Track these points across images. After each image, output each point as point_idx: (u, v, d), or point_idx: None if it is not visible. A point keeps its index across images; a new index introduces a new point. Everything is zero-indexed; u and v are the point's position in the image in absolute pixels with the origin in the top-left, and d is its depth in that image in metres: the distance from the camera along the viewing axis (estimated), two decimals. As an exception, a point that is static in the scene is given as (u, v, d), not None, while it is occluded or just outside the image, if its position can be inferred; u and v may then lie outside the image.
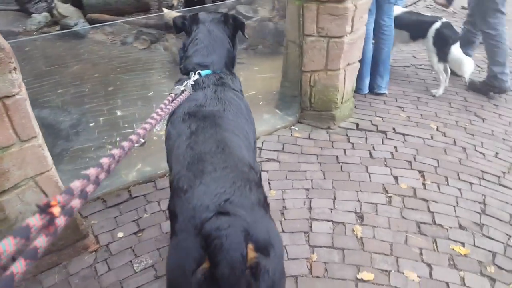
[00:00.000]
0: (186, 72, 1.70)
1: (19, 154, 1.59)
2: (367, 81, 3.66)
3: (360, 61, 3.27)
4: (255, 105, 3.43)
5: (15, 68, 1.50)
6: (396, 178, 2.63)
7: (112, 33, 5.17)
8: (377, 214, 2.34)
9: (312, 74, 2.98)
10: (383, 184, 2.57)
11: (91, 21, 5.39)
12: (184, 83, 1.55)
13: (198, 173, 1.14)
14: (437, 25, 3.57)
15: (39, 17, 5.45)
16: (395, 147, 2.95)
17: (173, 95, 1.47)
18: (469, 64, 3.54)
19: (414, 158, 2.82)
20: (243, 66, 4.09)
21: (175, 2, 4.76)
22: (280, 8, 4.87)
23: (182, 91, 1.51)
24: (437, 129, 3.19)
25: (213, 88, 1.60)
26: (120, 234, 2.20)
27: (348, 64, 2.99)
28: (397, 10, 3.75)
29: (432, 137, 3.07)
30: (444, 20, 3.63)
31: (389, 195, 2.48)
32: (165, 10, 4.43)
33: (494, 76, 3.65)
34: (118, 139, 3.09)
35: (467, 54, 3.72)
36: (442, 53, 3.57)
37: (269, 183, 2.57)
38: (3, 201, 1.60)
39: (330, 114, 3.12)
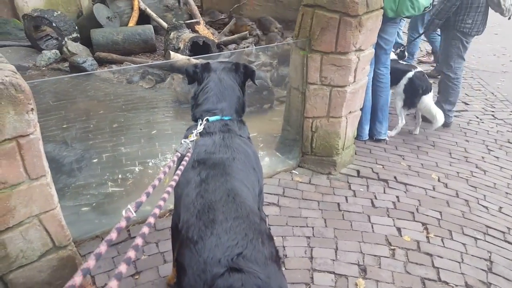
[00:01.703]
0: (195, 120, 1.77)
1: (27, 192, 1.62)
2: (367, 128, 3.74)
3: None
4: (255, 146, 3.46)
5: (32, 109, 1.55)
6: (399, 229, 2.62)
7: (119, 71, 5.31)
8: (380, 267, 2.31)
9: (314, 120, 3.05)
10: (386, 236, 2.55)
11: (99, 60, 5.55)
12: (190, 138, 1.59)
13: (209, 222, 1.14)
14: (410, 74, 3.76)
15: (49, 54, 5.63)
16: (397, 197, 2.95)
17: (178, 154, 1.49)
18: (439, 116, 3.79)
19: (417, 210, 2.82)
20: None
21: (181, 45, 4.93)
22: (280, 54, 5.03)
23: (188, 149, 1.54)
24: (439, 180, 3.22)
25: (220, 135, 1.64)
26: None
27: (350, 112, 3.06)
28: None
29: (434, 188, 3.09)
30: (418, 70, 3.80)
31: (392, 247, 2.46)
32: (172, 53, 4.58)
33: (443, 112, 3.92)
34: (119, 176, 3.09)
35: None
36: (411, 101, 3.79)
37: (269, 228, 2.53)
38: (6, 238, 1.59)
39: (331, 159, 3.15)
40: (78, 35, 5.99)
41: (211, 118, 1.71)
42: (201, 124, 1.67)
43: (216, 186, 1.32)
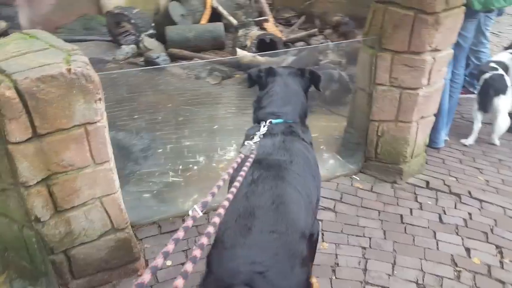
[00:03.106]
0: (258, 121, 1.75)
1: (92, 175, 1.75)
2: (443, 134, 3.47)
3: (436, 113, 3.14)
4: (315, 148, 3.38)
5: (100, 99, 1.67)
6: (468, 250, 2.39)
7: (188, 67, 5.54)
8: (441, 288, 2.11)
9: (381, 124, 2.89)
10: (452, 255, 2.34)
11: (171, 55, 5.84)
12: (254, 140, 1.55)
13: (246, 230, 1.12)
14: (487, 75, 3.51)
15: (127, 49, 6.05)
16: (470, 214, 2.70)
17: (242, 155, 1.47)
18: (502, 122, 3.50)
19: (492, 230, 2.55)
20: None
21: (248, 43, 4.99)
22: (349, 53, 4.85)
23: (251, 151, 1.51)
24: (522, 200, 2.87)
25: (281, 137, 1.62)
26: (169, 263, 2.25)
27: (422, 117, 2.86)
28: None
29: (514, 208, 2.76)
30: (498, 72, 3.52)
31: (458, 269, 2.25)
32: (239, 51, 4.66)
33: None
34: (180, 167, 3.22)
35: None
36: (483, 103, 3.53)
37: (323, 234, 2.47)
38: (71, 216, 1.74)
39: (398, 167, 2.97)
40: (154, 31, 6.37)
41: (275, 121, 1.70)
42: (264, 126, 1.65)
43: (264, 189, 1.29)
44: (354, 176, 3.07)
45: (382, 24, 2.66)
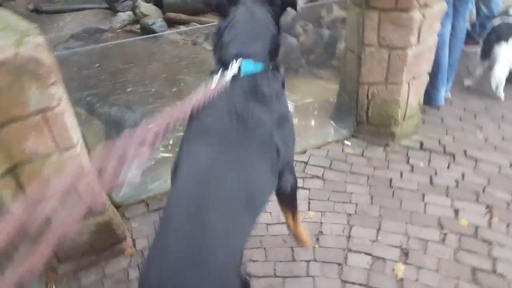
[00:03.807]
0: (222, 63, 1.47)
1: (58, 163, 1.72)
2: (443, 91, 3.32)
3: (433, 69, 2.99)
4: (309, 114, 3.32)
5: (54, 83, 1.61)
6: (456, 211, 2.34)
7: (186, 32, 5.40)
8: (425, 252, 2.10)
9: (371, 87, 2.77)
10: (439, 218, 2.30)
11: (168, 20, 5.68)
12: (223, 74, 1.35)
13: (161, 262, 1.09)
14: (497, 21, 3.45)
15: (124, 16, 5.91)
16: (463, 174, 2.62)
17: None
18: (498, 72, 3.32)
19: (483, 190, 2.48)
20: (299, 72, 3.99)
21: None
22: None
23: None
24: (521, 156, 2.76)
25: (238, 98, 1.36)
26: None
27: (413, 78, 2.71)
28: None
29: (511, 165, 2.66)
30: (509, 20, 3.36)
31: (444, 231, 2.22)
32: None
33: None
34: (170, 141, 3.21)
35: None
36: (485, 50, 3.44)
37: (309, 203, 2.46)
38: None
39: (390, 130, 2.88)
40: (152, -5, 6.17)
41: (245, 64, 1.41)
42: (233, 65, 1.38)
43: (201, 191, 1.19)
44: (346, 142, 3.00)
45: (368, -21, 2.47)
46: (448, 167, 2.69)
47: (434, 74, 3.19)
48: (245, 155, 1.30)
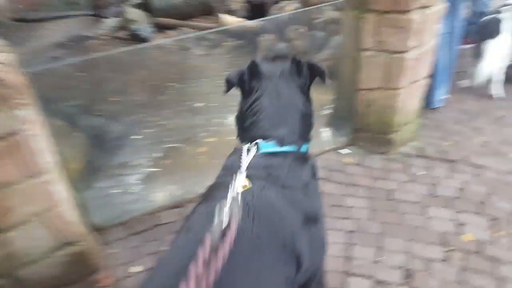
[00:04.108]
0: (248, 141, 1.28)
1: (26, 191, 1.56)
2: (439, 93, 3.20)
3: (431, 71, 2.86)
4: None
5: (23, 104, 1.45)
6: (460, 225, 2.19)
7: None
8: (430, 273, 1.94)
9: (368, 93, 2.62)
10: (442, 233, 2.14)
11: (158, 25, 5.49)
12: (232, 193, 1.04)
13: None
14: (485, 19, 3.38)
15: (110, 22, 5.73)
16: (464, 182, 2.47)
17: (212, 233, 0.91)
18: (483, 67, 3.27)
19: (487, 200, 2.33)
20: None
21: (236, 6, 4.58)
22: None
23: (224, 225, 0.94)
24: (523, 162, 2.62)
25: (255, 189, 1.12)
26: (138, 268, 2.08)
27: (413, 82, 2.56)
28: None
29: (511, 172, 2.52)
30: (495, 16, 3.27)
31: (448, 249, 2.06)
32: (222, 16, 4.29)
33: None
34: (156, 155, 3.01)
35: None
36: (475, 48, 3.38)
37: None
38: (9, 237, 1.59)
39: (388, 137, 2.72)
40: (140, 1, 5.97)
41: (263, 146, 1.24)
42: (240, 173, 1.13)
43: None
44: (343, 150, 2.83)
45: (364, -20, 2.31)
46: (449, 175, 2.54)
47: (431, 76, 3.05)
48: (251, 262, 0.98)
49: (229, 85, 1.39)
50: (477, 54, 3.32)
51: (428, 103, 3.18)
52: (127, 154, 3.08)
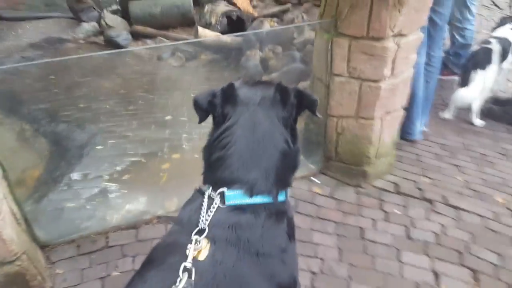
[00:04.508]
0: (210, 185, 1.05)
1: None
2: (418, 125, 3.01)
3: (408, 101, 2.69)
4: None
5: None
6: (437, 275, 1.95)
7: (153, 47, 4.94)
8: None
9: (340, 120, 2.41)
10: (417, 284, 1.90)
11: (135, 33, 5.23)
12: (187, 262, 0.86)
13: None
14: (475, 48, 3.36)
15: (88, 26, 5.43)
16: (443, 226, 2.25)
17: None
18: (462, 94, 3.24)
19: (467, 248, 2.10)
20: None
21: (213, 20, 4.38)
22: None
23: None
24: (505, 206, 2.42)
25: (223, 250, 0.93)
26: None
27: (387, 113, 2.36)
28: None
29: (496, 217, 2.32)
30: (487, 46, 3.25)
31: (422, 302, 1.81)
32: (200, 29, 4.07)
33: None
34: (117, 168, 2.75)
35: None
36: (462, 78, 3.28)
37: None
38: None
39: (361, 169, 2.51)
40: (119, 7, 5.72)
41: (229, 196, 0.99)
42: (208, 211, 0.97)
43: None
44: (313, 178, 2.60)
45: (338, 4, 2.12)
46: (426, 217, 2.32)
47: (409, 107, 2.87)
48: None
49: (198, 108, 1.14)
50: (464, 85, 3.22)
51: (405, 135, 3.01)
52: (86, 165, 2.83)
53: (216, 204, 0.98)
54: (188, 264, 0.84)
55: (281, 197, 1.06)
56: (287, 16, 5.15)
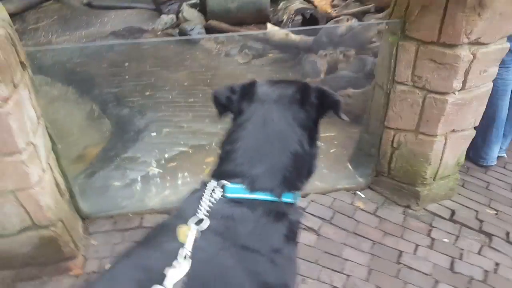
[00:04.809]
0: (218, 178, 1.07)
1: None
2: (496, 150, 2.79)
3: (487, 121, 2.56)
4: (325, 150, 2.91)
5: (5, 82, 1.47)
6: (475, 315, 1.81)
7: (222, 42, 5.22)
8: None
9: (397, 133, 2.33)
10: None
11: (209, 28, 5.55)
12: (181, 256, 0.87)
13: None
14: None
15: (166, 19, 5.89)
16: (497, 265, 2.07)
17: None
18: None
19: (522, 292, 1.92)
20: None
21: (285, 17, 4.49)
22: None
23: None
24: None
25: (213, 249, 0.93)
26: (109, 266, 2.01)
27: (453, 131, 2.23)
28: None
29: None
30: None
31: None
32: (269, 26, 4.21)
33: None
34: (166, 155, 2.97)
35: None
36: None
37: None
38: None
39: (414, 190, 2.39)
40: (198, 1, 6.12)
41: (230, 190, 1.02)
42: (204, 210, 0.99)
43: None
44: (358, 192, 2.56)
45: (409, 3, 2.07)
46: (479, 251, 2.15)
47: (488, 128, 2.68)
48: None
49: (217, 103, 1.21)
50: None
51: (478, 159, 2.80)
52: (139, 149, 3.08)
53: (216, 196, 1.00)
54: (187, 251, 0.86)
55: (286, 198, 1.05)
56: (368, 17, 5.07)
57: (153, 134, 3.29)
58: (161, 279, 0.82)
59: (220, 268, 0.91)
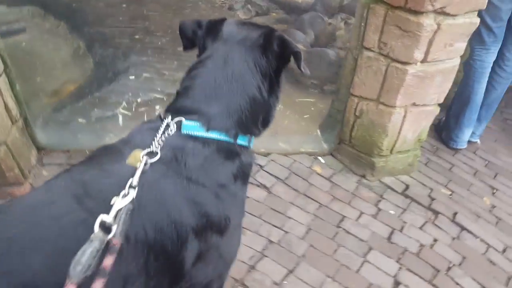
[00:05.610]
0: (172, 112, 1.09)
1: None
2: (467, 134, 2.80)
3: (461, 103, 2.64)
4: (300, 115, 2.96)
5: None
6: (397, 284, 1.90)
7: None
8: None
9: (360, 101, 2.36)
10: (370, 284, 1.88)
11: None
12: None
13: None
14: None
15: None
16: (435, 241, 2.14)
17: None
18: None
19: (449, 269, 2.00)
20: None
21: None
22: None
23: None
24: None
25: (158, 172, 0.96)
26: None
27: (414, 105, 2.25)
28: None
29: (505, 251, 2.13)
30: None
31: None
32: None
33: None
34: (138, 100, 3.03)
35: None
36: None
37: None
38: None
39: (370, 160, 2.45)
40: None
41: (187, 125, 1.04)
42: (158, 140, 0.99)
43: None
44: (319, 157, 2.61)
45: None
46: (421, 226, 2.22)
47: (461, 110, 2.69)
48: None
49: (183, 35, 1.24)
50: None
51: (449, 140, 2.83)
52: (112, 90, 3.15)
53: (171, 131, 1.02)
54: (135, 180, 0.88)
55: (241, 141, 1.09)
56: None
57: (132, 77, 3.34)
58: (98, 196, 0.88)
59: (161, 195, 0.94)
